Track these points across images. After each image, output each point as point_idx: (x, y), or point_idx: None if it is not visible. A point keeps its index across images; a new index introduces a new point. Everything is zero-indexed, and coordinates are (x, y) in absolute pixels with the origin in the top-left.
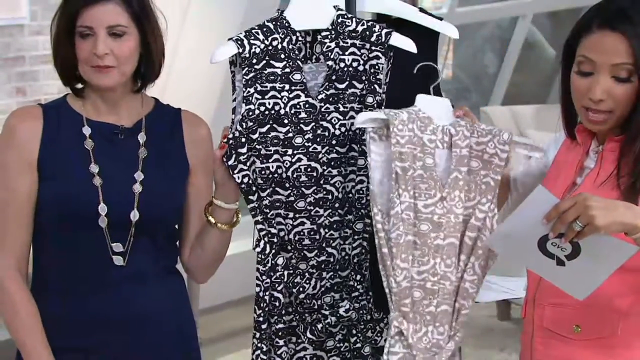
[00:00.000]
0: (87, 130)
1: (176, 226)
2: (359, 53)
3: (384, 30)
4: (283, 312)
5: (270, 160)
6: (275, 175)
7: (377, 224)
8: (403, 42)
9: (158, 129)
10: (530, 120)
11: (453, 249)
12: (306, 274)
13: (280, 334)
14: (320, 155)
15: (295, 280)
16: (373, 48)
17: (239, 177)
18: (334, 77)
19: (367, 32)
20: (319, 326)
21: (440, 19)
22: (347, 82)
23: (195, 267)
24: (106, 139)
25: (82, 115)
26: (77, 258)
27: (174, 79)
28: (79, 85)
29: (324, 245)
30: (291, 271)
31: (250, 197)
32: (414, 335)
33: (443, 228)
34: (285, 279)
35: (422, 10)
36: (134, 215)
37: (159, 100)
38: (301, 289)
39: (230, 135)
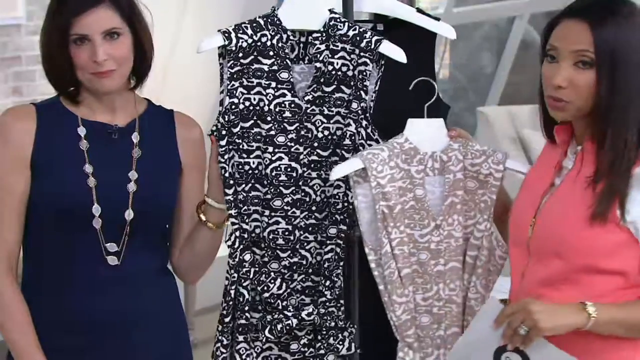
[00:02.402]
0: (82, 131)
1: (167, 226)
2: (348, 58)
3: (375, 37)
4: (247, 308)
5: (251, 156)
6: (256, 171)
7: (371, 263)
8: (393, 50)
9: (151, 129)
10: (527, 120)
11: (456, 272)
12: (272, 273)
13: (240, 329)
14: (301, 157)
15: (261, 279)
16: (362, 54)
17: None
18: (321, 80)
19: (358, 38)
20: (279, 327)
21: (438, 19)
22: (334, 86)
23: (185, 268)
24: (100, 138)
25: (77, 115)
26: (70, 258)
27: (172, 78)
28: (70, 88)
29: (297, 247)
30: (257, 269)
31: (227, 191)
32: None
33: (442, 254)
34: (252, 276)
35: (419, 10)
36: (129, 214)
37: (151, 101)
38: (265, 288)
39: (214, 128)
